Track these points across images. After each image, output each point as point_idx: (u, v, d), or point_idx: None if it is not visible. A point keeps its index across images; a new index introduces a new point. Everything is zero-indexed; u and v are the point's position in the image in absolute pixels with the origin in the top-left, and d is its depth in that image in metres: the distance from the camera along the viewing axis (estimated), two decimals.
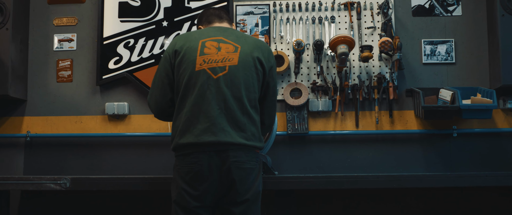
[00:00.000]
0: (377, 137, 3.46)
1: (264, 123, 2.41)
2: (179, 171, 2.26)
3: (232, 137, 2.17)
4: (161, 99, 2.35)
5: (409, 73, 3.52)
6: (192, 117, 2.19)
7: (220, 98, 2.19)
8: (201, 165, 2.18)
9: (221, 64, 2.22)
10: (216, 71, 2.22)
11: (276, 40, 3.56)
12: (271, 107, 2.42)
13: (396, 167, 3.41)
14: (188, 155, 2.21)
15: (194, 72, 2.22)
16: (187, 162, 2.22)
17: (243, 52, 2.27)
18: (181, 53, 2.29)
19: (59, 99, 3.62)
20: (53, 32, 3.68)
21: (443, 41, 3.54)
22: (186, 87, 2.24)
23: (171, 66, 2.32)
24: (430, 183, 2.83)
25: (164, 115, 2.40)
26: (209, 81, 2.20)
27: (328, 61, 3.54)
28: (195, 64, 2.22)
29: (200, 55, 2.24)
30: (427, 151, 3.44)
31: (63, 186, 2.93)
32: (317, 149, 3.44)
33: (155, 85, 2.36)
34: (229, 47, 2.28)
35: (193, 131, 2.18)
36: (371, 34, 3.57)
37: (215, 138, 2.16)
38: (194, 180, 2.20)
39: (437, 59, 3.54)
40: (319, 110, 3.43)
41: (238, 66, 2.23)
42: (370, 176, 2.83)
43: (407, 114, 3.48)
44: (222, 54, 2.24)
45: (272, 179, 2.87)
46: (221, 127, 2.17)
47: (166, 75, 2.33)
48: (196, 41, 2.30)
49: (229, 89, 2.20)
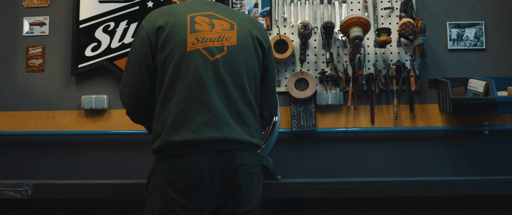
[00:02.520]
0: (396, 135, 3.17)
1: (263, 115, 2.08)
2: (167, 177, 1.85)
3: (238, 132, 1.88)
4: (138, 90, 1.96)
5: (433, 61, 3.21)
6: (188, 108, 1.85)
7: (220, 85, 1.89)
8: (200, 169, 1.83)
9: (218, 44, 1.93)
10: (213, 53, 1.91)
11: (279, 23, 3.21)
12: (271, 96, 2.10)
13: (417, 170, 3.13)
14: (182, 157, 1.84)
15: (186, 53, 1.89)
16: (180, 165, 1.84)
17: (240, 31, 1.99)
18: (165, 30, 1.92)
19: (29, 92, 3.35)
20: (23, 15, 3.39)
21: (471, 24, 3.22)
22: (175, 72, 1.88)
23: (150, 48, 1.94)
24: (469, 189, 2.46)
25: (138, 110, 2.00)
26: (205, 64, 1.89)
27: (339, 47, 3.19)
28: (185, 44, 1.90)
29: (191, 33, 1.92)
30: (453, 151, 3.16)
31: (24, 194, 2.51)
32: (326, 149, 3.17)
33: (129, 73, 1.97)
34: (223, 23, 1.98)
35: (190, 125, 1.84)
36: (388, 16, 3.21)
37: (219, 133, 1.84)
38: (189, 188, 1.83)
39: (465, 44, 3.22)
40: (329, 104, 3.13)
41: (238, 47, 1.95)
42: (394, 181, 2.45)
43: (431, 108, 3.18)
44: (218, 32, 1.94)
45: (275, 186, 2.49)
46: (225, 119, 1.87)
47: (144, 60, 1.94)
48: (183, 16, 1.96)
49: (229, 75, 1.91)
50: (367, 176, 3.10)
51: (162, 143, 1.85)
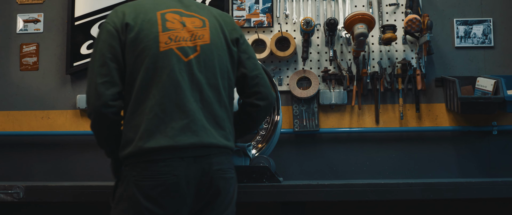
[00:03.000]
0: (402, 135, 3.08)
1: (259, 105, 1.98)
2: (139, 184, 1.76)
3: (214, 136, 1.82)
4: (105, 90, 1.79)
5: (439, 59, 3.12)
6: (163, 113, 1.77)
7: (195, 88, 1.82)
8: (176, 176, 1.75)
9: (191, 43, 1.85)
10: (187, 53, 1.83)
11: (280, 20, 3.12)
12: (260, 82, 1.98)
13: (424, 172, 3.03)
14: (157, 163, 1.75)
15: (159, 53, 1.80)
16: (154, 171, 1.75)
17: (212, 27, 1.92)
18: (135, 28, 1.81)
19: (23, 91, 3.26)
20: (16, 12, 3.30)
21: (479, 20, 3.12)
22: (148, 74, 1.79)
23: (120, 45, 1.81)
24: (479, 191, 2.37)
25: (104, 115, 1.80)
26: (180, 65, 1.81)
27: (343, 45, 3.10)
28: (158, 43, 1.80)
29: (163, 32, 1.82)
30: (461, 152, 3.07)
31: (15, 196, 2.42)
32: (329, 150, 3.08)
33: (97, 72, 1.80)
34: (195, 21, 1.90)
35: (166, 130, 1.76)
36: (393, 12, 3.12)
37: (197, 138, 1.77)
38: (164, 196, 1.75)
39: (473, 42, 3.12)
40: (332, 103, 3.04)
41: (211, 46, 1.88)
42: (401, 184, 2.36)
43: (437, 107, 3.09)
44: (190, 30, 1.86)
45: (277, 188, 2.39)
46: (201, 124, 1.80)
47: (114, 57, 1.81)
48: (152, 13, 1.86)
49: (204, 75, 1.84)
50: (372, 178, 3.01)
51: (134, 150, 1.75)
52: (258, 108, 1.98)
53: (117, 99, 1.81)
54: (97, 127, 1.84)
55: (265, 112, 2.03)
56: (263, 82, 1.99)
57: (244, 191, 2.35)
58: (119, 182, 1.83)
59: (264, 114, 2.03)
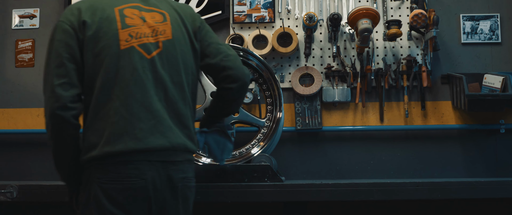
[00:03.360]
0: (407, 134, 3.03)
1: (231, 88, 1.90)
2: (104, 187, 1.66)
3: (180, 137, 1.77)
4: (63, 92, 1.68)
5: (445, 56, 3.06)
6: (129, 114, 1.69)
7: (159, 86, 1.75)
8: (145, 180, 1.68)
9: (153, 39, 1.77)
10: (149, 49, 1.75)
11: (282, 15, 3.06)
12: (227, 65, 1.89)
13: (429, 171, 2.99)
14: (124, 164, 1.67)
15: (120, 51, 1.72)
16: (122, 174, 1.66)
17: (173, 22, 1.84)
18: (93, 26, 1.72)
19: (18, 88, 3.22)
20: (12, 7, 3.25)
21: (486, 16, 3.06)
22: (109, 74, 1.71)
23: (78, 44, 1.72)
24: (488, 191, 2.30)
25: (64, 119, 1.68)
26: (143, 63, 1.73)
27: (346, 41, 3.04)
28: (118, 41, 1.73)
29: (123, 29, 1.74)
30: (467, 150, 3.02)
31: (8, 196, 2.35)
32: (332, 149, 3.03)
33: (53, 73, 1.69)
34: (155, 15, 1.82)
35: (134, 132, 1.68)
36: (398, 8, 3.06)
37: (166, 140, 1.72)
38: (131, 200, 1.67)
39: (479, 38, 3.06)
40: (335, 100, 2.98)
41: (173, 41, 1.81)
42: (408, 183, 2.29)
43: (443, 105, 3.04)
44: (151, 26, 1.78)
45: (279, 187, 2.32)
46: (168, 124, 1.74)
47: (71, 57, 1.70)
48: (110, 10, 1.77)
49: (167, 73, 1.77)
50: (376, 177, 2.95)
51: (100, 154, 1.66)
52: (231, 90, 1.90)
53: (77, 101, 1.70)
54: (56, 134, 1.70)
55: (240, 94, 1.95)
56: (230, 64, 1.90)
57: (245, 191, 2.28)
58: (86, 186, 1.72)
59: (238, 95, 1.95)
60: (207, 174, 2.37)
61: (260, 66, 2.60)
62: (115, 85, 1.69)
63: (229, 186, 2.29)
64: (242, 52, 2.59)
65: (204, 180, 2.34)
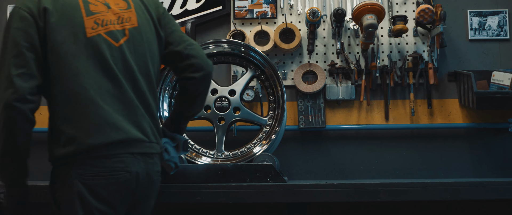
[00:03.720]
0: (413, 133, 2.97)
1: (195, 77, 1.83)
2: (89, 183, 1.60)
3: (153, 129, 1.75)
4: (22, 82, 1.57)
5: (452, 53, 3.00)
6: (105, 104, 1.63)
7: (128, 76, 1.70)
8: (130, 173, 1.65)
9: (119, 27, 1.71)
10: (117, 37, 1.70)
11: (285, 10, 2.99)
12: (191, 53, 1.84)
13: (436, 171, 2.93)
14: (109, 158, 1.62)
15: (87, 40, 1.65)
16: (107, 168, 1.61)
17: (138, 9, 1.78)
18: (55, 12, 1.63)
19: None
20: (7, 2, 3.16)
21: (494, 12, 2.99)
22: (77, 63, 1.63)
23: (38, 32, 1.63)
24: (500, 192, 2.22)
25: (21, 111, 1.58)
26: (112, 52, 1.67)
27: (350, 37, 2.97)
28: (84, 29, 1.65)
29: (87, 16, 1.67)
30: (475, 149, 2.96)
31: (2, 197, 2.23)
32: (336, 148, 2.97)
33: (11, 63, 1.59)
34: (118, 2, 1.76)
35: (113, 122, 1.63)
36: (403, 3, 2.99)
37: (141, 131, 1.69)
38: (117, 195, 1.64)
39: (487, 34, 2.99)
40: (339, 98, 2.92)
41: (139, 29, 1.75)
42: (416, 183, 2.22)
43: (450, 103, 2.98)
44: (116, 13, 1.72)
45: (282, 188, 2.24)
46: (141, 113, 1.70)
47: (31, 47, 1.61)
48: None
49: (135, 62, 1.72)
50: (381, 177, 2.89)
51: (82, 147, 1.59)
52: (195, 80, 1.83)
53: (36, 94, 1.61)
54: (8, 129, 1.57)
55: (204, 85, 1.89)
56: (194, 53, 1.85)
57: (246, 192, 2.21)
58: (55, 185, 1.65)
59: (203, 86, 1.89)
60: (207, 173, 2.30)
61: (262, 62, 2.52)
62: (84, 75, 1.61)
63: (231, 186, 2.22)
64: (243, 48, 2.52)
65: (205, 180, 2.27)
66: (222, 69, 2.94)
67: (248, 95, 2.77)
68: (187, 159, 2.42)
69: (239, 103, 2.49)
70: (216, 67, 2.87)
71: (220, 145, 2.47)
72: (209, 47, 2.52)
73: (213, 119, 2.48)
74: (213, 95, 2.49)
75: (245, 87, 2.53)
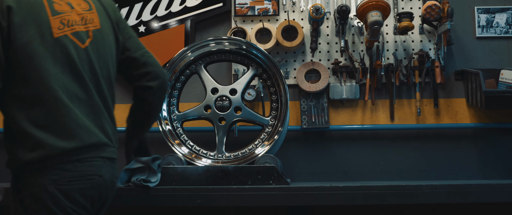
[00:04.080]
0: (419, 133, 2.92)
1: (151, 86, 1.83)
2: (62, 188, 1.56)
3: (115, 134, 1.75)
4: None
5: (459, 51, 2.94)
6: (75, 107, 1.61)
7: (93, 79, 1.68)
8: (102, 177, 1.65)
9: (83, 28, 1.69)
10: (82, 39, 1.67)
11: (287, 7, 2.92)
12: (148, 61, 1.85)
13: (442, 172, 2.88)
14: (82, 162, 1.60)
15: (53, 40, 1.61)
16: (81, 172, 1.59)
17: (99, 10, 1.76)
18: (19, 11, 1.58)
19: None
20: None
21: (502, 8, 2.93)
22: (45, 64, 1.58)
23: (1, 33, 1.56)
24: None
25: None
26: (78, 54, 1.65)
27: (355, 35, 2.91)
28: (50, 29, 1.61)
29: (53, 16, 1.63)
30: (482, 150, 2.91)
31: None
32: (340, 149, 2.92)
33: None
34: (80, 2, 1.73)
35: (85, 125, 1.61)
36: (409, 0, 2.90)
37: (107, 136, 1.68)
38: (91, 200, 1.64)
39: (495, 32, 2.93)
40: (343, 98, 2.86)
41: (101, 31, 1.73)
42: (424, 186, 2.13)
43: (457, 102, 2.92)
44: (79, 13, 1.69)
45: (285, 191, 2.16)
46: (106, 119, 1.70)
47: None
48: None
49: (98, 65, 1.70)
50: (386, 179, 2.84)
51: (54, 152, 1.54)
52: (151, 90, 1.83)
53: None
54: None
55: (161, 93, 1.89)
56: (151, 61, 1.85)
57: (248, 194, 2.13)
58: (19, 194, 1.58)
59: (159, 96, 1.88)
60: (207, 176, 2.24)
61: (264, 60, 2.45)
62: (54, 77, 1.57)
63: (232, 189, 2.14)
64: (245, 46, 2.44)
65: (205, 183, 2.20)
66: (223, 67, 2.88)
67: (250, 95, 2.71)
68: (186, 160, 2.36)
69: (240, 102, 2.42)
70: (216, 66, 2.84)
71: (221, 146, 2.41)
72: (209, 45, 2.45)
73: (213, 119, 2.41)
74: (213, 94, 2.42)
75: (246, 86, 2.46)
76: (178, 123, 2.47)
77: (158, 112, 1.96)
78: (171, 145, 2.40)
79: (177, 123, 2.47)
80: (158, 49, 2.86)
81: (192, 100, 2.86)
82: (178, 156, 2.36)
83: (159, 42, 2.87)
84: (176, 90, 2.49)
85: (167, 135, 2.42)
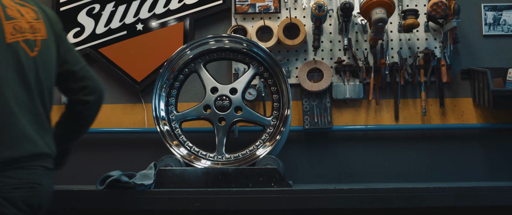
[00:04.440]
0: (424, 133, 2.89)
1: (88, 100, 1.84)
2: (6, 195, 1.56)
3: (53, 144, 1.74)
4: None
5: (465, 49, 2.90)
6: (21, 115, 1.61)
7: (38, 89, 1.68)
8: (43, 186, 1.66)
9: (32, 36, 1.68)
10: (32, 47, 1.68)
11: (289, 4, 2.88)
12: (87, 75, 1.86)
13: (449, 174, 2.85)
14: (24, 169, 1.61)
15: (6, 45, 1.61)
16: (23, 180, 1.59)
17: (45, 20, 1.76)
18: None
19: None
20: None
21: (509, 6, 2.89)
22: None
23: None
24: None
25: None
26: (28, 62, 1.65)
27: (358, 33, 2.87)
28: (3, 33, 1.61)
29: (7, 20, 1.62)
30: (489, 151, 2.87)
31: None
32: (343, 150, 2.90)
33: None
34: (28, 11, 1.72)
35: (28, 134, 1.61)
36: None
37: (47, 146, 1.69)
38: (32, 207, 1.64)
39: (502, 30, 2.89)
40: (346, 97, 2.84)
41: (47, 42, 1.73)
42: (432, 188, 2.09)
43: (463, 102, 2.88)
44: (28, 21, 1.69)
45: (288, 193, 2.11)
46: (47, 129, 1.71)
47: None
48: None
49: (43, 76, 1.70)
50: (391, 181, 2.81)
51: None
52: (88, 104, 1.85)
53: None
54: None
55: (96, 108, 1.91)
56: (89, 75, 1.87)
57: (249, 197, 2.10)
58: None
59: (95, 110, 1.91)
60: (207, 178, 2.19)
61: (266, 59, 2.39)
62: (4, 83, 1.61)
63: (232, 192, 2.11)
64: (245, 43, 2.39)
65: (204, 185, 2.17)
66: (223, 66, 2.84)
67: (250, 94, 2.67)
68: (185, 162, 2.31)
69: (241, 102, 2.37)
70: (216, 64, 2.79)
71: (221, 147, 2.36)
72: (209, 43, 2.39)
73: (213, 119, 2.36)
74: (213, 94, 2.36)
75: (247, 85, 2.41)
76: (177, 123, 2.42)
77: (90, 124, 1.96)
78: (169, 146, 2.36)
79: (176, 123, 2.42)
80: (156, 47, 2.83)
81: (191, 100, 2.82)
82: (177, 157, 2.31)
83: (157, 40, 2.83)
84: (174, 90, 2.44)
85: (165, 136, 2.37)
